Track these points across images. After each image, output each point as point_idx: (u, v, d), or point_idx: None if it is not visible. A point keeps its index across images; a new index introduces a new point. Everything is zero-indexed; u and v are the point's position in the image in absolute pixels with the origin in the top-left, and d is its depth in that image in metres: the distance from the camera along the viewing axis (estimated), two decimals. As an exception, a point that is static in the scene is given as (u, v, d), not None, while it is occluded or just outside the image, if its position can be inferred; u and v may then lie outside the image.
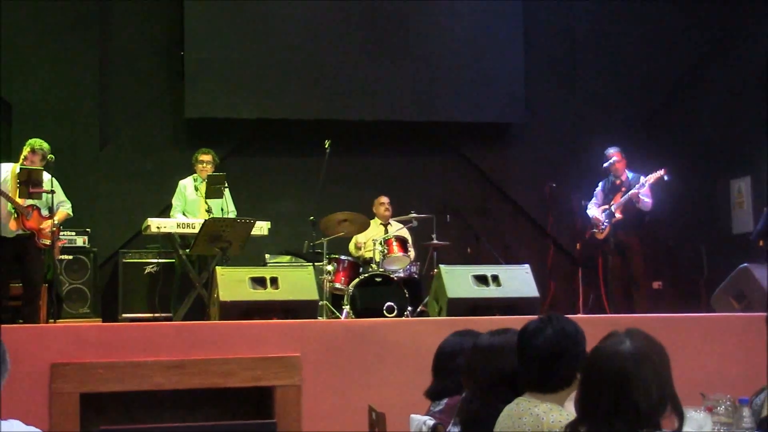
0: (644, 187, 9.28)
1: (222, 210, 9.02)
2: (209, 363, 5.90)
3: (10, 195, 7.95)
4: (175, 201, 9.30)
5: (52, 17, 10.31)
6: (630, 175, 9.52)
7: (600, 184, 9.74)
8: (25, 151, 8.14)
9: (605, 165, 9.51)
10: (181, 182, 9.34)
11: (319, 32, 10.72)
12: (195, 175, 9.33)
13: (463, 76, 11.03)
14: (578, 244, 10.33)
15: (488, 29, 11.08)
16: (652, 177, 9.22)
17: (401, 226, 9.80)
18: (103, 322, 9.30)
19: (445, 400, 3.98)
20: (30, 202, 8.05)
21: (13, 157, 8.58)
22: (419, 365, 4.40)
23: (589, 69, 11.72)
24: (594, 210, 9.63)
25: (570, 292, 10.71)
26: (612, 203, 9.43)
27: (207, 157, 9.27)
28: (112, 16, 10.64)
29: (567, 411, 3.13)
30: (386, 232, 9.79)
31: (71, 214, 8.51)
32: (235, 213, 9.25)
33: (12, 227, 8.01)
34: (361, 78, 10.79)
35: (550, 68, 11.65)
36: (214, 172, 9.12)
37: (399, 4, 10.89)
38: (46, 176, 8.04)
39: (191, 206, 9.24)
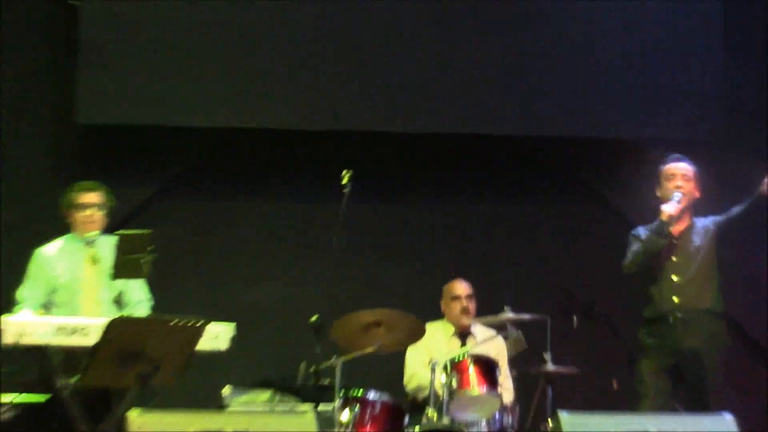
0: None
1: (121, 298, 5.85)
2: None
3: None
4: (25, 291, 5.88)
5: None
6: None
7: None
8: None
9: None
10: (42, 250, 5.98)
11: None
12: (70, 234, 5.95)
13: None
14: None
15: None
16: None
17: (490, 334, 6.56)
18: None
19: None
20: None
21: None
22: None
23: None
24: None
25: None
26: None
27: (90, 197, 5.87)
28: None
29: None
30: (464, 345, 6.57)
31: None
32: (151, 302, 5.98)
33: None
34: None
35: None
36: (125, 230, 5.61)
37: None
38: None
39: (67, 293, 5.83)
